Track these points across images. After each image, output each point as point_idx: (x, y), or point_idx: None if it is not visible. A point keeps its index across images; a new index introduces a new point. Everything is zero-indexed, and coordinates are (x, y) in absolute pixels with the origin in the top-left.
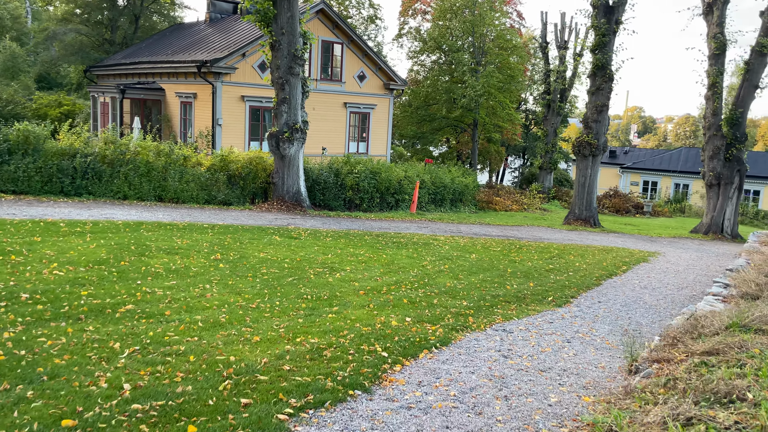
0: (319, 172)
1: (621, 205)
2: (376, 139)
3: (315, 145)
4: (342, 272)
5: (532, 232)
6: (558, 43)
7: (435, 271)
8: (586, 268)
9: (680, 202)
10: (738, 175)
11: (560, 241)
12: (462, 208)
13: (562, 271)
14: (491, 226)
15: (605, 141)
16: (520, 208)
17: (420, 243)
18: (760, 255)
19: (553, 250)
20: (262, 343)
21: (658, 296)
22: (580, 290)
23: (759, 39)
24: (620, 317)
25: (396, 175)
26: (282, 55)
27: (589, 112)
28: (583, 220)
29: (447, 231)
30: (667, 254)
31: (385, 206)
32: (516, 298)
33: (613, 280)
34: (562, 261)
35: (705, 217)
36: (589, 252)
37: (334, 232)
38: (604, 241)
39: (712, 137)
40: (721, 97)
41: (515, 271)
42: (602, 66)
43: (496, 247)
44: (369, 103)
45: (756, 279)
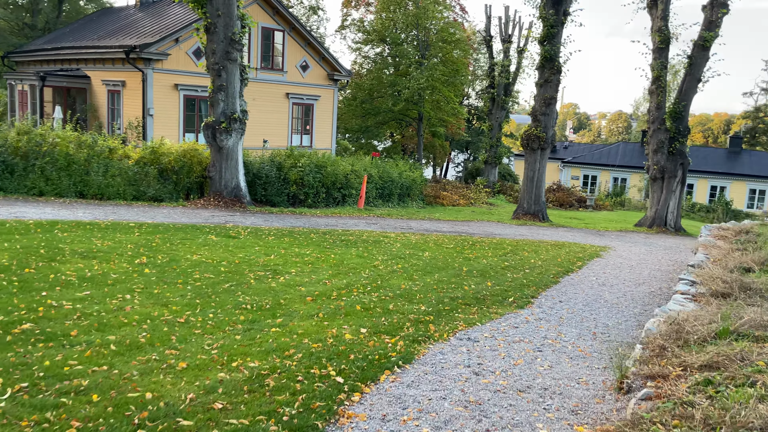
0: (261, 165)
1: (564, 199)
2: (321, 131)
3: (256, 137)
4: (286, 275)
5: (482, 228)
6: (502, 37)
7: (388, 271)
8: (541, 264)
9: (620, 196)
10: (681, 169)
11: (512, 237)
12: (410, 203)
13: (518, 269)
14: (441, 221)
15: (553, 134)
16: (467, 202)
17: (370, 241)
18: (718, 249)
19: (506, 246)
20: (189, 371)
21: (618, 294)
22: (539, 289)
23: (701, 33)
24: (585, 318)
25: (342, 169)
26: (218, 39)
27: (537, 105)
28: (532, 215)
29: (397, 227)
30: (618, 249)
31: (332, 202)
32: (476, 300)
33: (571, 277)
34: (517, 258)
35: (649, 211)
36: (542, 247)
37: (277, 230)
38: (554, 235)
39: (656, 131)
40: (665, 90)
41: (471, 270)
42: (550, 58)
43: (449, 243)
44: (312, 94)
45: (722, 276)
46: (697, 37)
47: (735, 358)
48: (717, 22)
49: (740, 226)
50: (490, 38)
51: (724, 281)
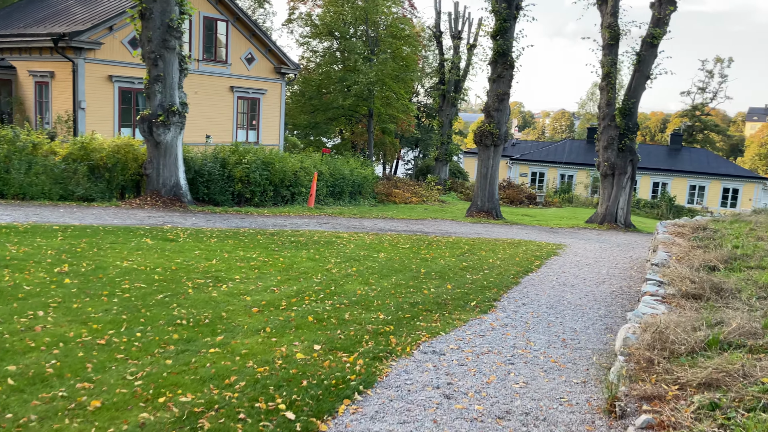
0: (203, 162)
1: (515, 196)
2: (268, 127)
3: (198, 132)
4: (230, 283)
5: (437, 226)
6: (452, 33)
7: (342, 275)
8: (500, 264)
9: (567, 193)
10: (631, 165)
11: (468, 235)
12: (362, 201)
13: (477, 269)
14: (395, 220)
15: (506, 131)
16: (420, 200)
17: (322, 242)
18: (678, 247)
19: (463, 245)
20: (103, 411)
21: (580, 294)
22: (500, 291)
23: (649, 30)
24: (551, 323)
25: (291, 165)
26: (154, 26)
27: (490, 101)
28: (486, 212)
29: (350, 227)
30: (573, 246)
31: (280, 200)
32: (437, 306)
33: (531, 277)
34: (475, 257)
35: (600, 207)
36: (499, 246)
37: (220, 231)
38: (509, 233)
39: (606, 127)
40: (614, 87)
41: (429, 272)
42: (503, 53)
43: (405, 243)
44: (259, 88)
45: (690, 275)
46: (645, 34)
47: (736, 374)
48: (665, 19)
49: (696, 222)
50: (439, 34)
51: (693, 281)
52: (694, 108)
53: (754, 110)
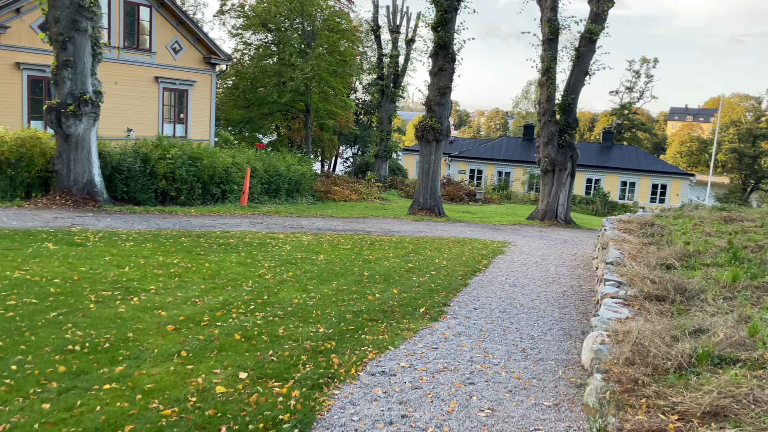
0: (121, 157)
1: (455, 193)
2: (197, 121)
3: (119, 126)
4: (143, 294)
5: (379, 224)
6: (390, 27)
7: (276, 281)
8: (447, 264)
9: (505, 189)
10: (571, 161)
11: (411, 234)
12: (299, 199)
13: (423, 271)
14: (335, 218)
15: (449, 125)
16: (359, 197)
17: (255, 243)
18: (630, 244)
19: (407, 245)
20: None
21: (531, 296)
22: (449, 294)
23: (588, 26)
24: (507, 329)
25: (222, 161)
26: (62, 5)
27: (431, 95)
28: (428, 210)
29: (286, 227)
30: (518, 243)
31: (210, 199)
32: (383, 314)
33: (479, 278)
34: (420, 257)
35: (540, 203)
36: (444, 245)
37: (138, 233)
38: (453, 231)
39: (546, 123)
40: (554, 82)
41: (373, 274)
42: (444, 45)
43: (346, 244)
44: (187, 79)
45: (649, 275)
46: (584, 30)
47: (745, 400)
48: (603, 15)
49: (642, 218)
50: (377, 29)
51: (654, 281)
52: (622, 107)
53: (675, 110)
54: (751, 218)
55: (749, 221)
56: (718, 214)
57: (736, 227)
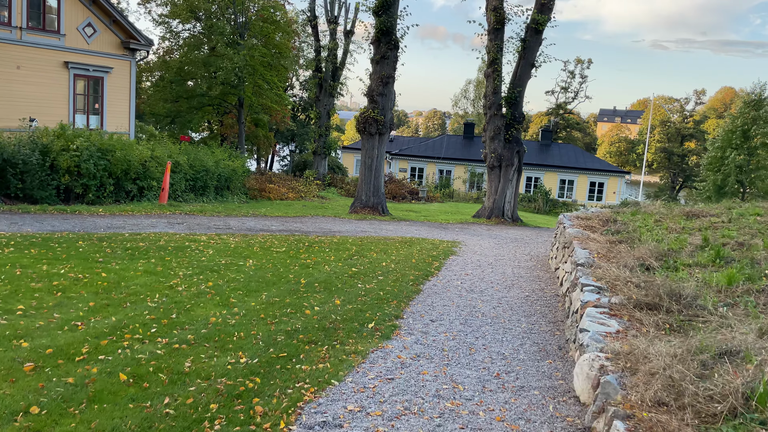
0: (16, 148)
1: (397, 191)
2: (115, 112)
3: (20, 115)
4: (5, 317)
5: (318, 224)
6: (328, 17)
7: (191, 294)
8: (395, 268)
9: (447, 188)
10: (518, 157)
11: (354, 234)
12: (230, 197)
13: (370, 276)
14: (269, 218)
15: (392, 117)
16: (297, 196)
17: (170, 247)
18: (596, 243)
19: (350, 246)
20: None
21: (492, 302)
22: (401, 303)
23: (534, 16)
24: (473, 347)
25: (139, 154)
26: None
27: (373, 84)
28: (372, 208)
29: (211, 227)
30: (468, 243)
31: (124, 196)
32: (324, 333)
33: (432, 283)
34: (366, 260)
35: (487, 201)
36: (391, 246)
37: (23, 237)
38: (399, 231)
39: (493, 117)
40: (501, 74)
41: (312, 282)
42: (387, 31)
43: (280, 246)
44: (102, 66)
45: (631, 278)
46: (530, 20)
47: None
48: (549, 5)
49: (602, 214)
50: (314, 19)
51: (640, 286)
52: (558, 106)
53: (604, 111)
54: (714, 213)
55: (713, 216)
56: (678, 209)
57: (702, 223)
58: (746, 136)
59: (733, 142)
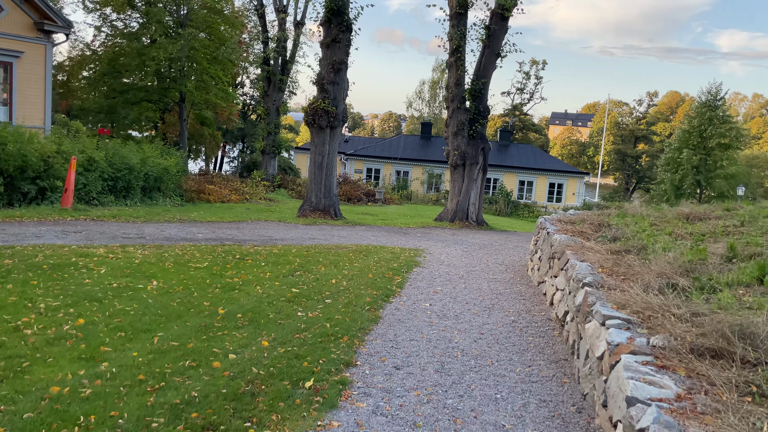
0: None
1: (353, 193)
2: (27, 103)
3: None
4: None
5: (258, 230)
6: (276, 6)
7: (43, 340)
8: (348, 286)
9: (405, 189)
10: (482, 155)
11: (300, 242)
12: (161, 199)
13: (314, 299)
14: (200, 223)
15: (345, 109)
16: (241, 198)
17: (47, 266)
18: (595, 253)
19: (292, 259)
20: None
21: (473, 332)
22: (354, 341)
23: (499, 0)
24: (459, 417)
25: (40, 149)
26: None
27: (323, 71)
28: (323, 211)
29: (118, 237)
30: (433, 251)
31: (20, 198)
32: (234, 405)
33: (395, 307)
34: (311, 277)
35: (450, 203)
36: (344, 256)
37: None
38: (354, 237)
39: (456, 111)
40: (464, 64)
41: (234, 312)
42: (338, 11)
43: (202, 260)
44: (10, 49)
45: (668, 305)
46: (495, 5)
47: None
48: None
49: (591, 217)
50: (261, 7)
51: (687, 319)
52: (514, 108)
53: (555, 115)
54: (715, 215)
55: (716, 219)
56: (674, 212)
57: (710, 227)
58: (702, 136)
59: (689, 142)
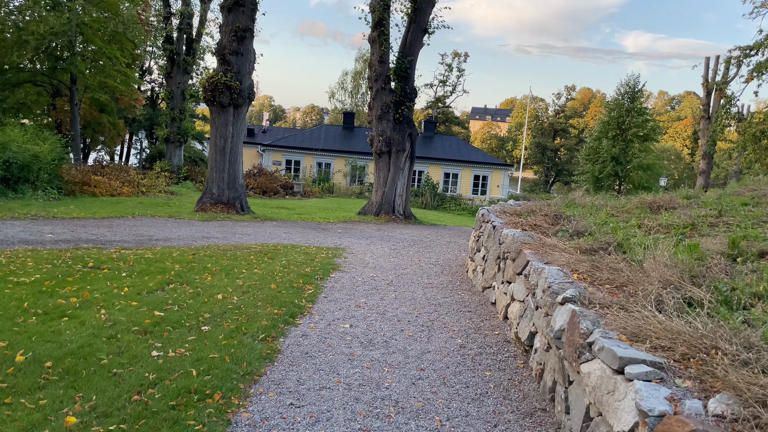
0: None
1: (268, 186)
2: None
3: None
4: None
5: (138, 229)
6: None
7: None
8: (239, 302)
9: (326, 182)
10: (410, 141)
11: (188, 242)
12: (30, 192)
13: (184, 326)
14: (61, 220)
15: (252, 85)
16: (135, 191)
17: None
18: (562, 253)
19: (170, 265)
20: None
21: (412, 371)
22: (231, 399)
23: None
24: None
25: None
26: None
27: (225, 39)
28: (226, 204)
29: None
30: (355, 250)
31: None
32: None
33: (301, 332)
34: (188, 291)
35: (374, 194)
36: (242, 260)
37: None
38: (261, 235)
39: (380, 92)
40: (388, 39)
41: (39, 358)
42: None
43: (34, 271)
44: None
45: (711, 338)
46: None
47: None
48: None
49: (543, 207)
50: None
51: (746, 361)
52: (437, 100)
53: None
54: (684, 204)
55: (682, 208)
56: (636, 200)
57: (680, 217)
58: (621, 128)
59: (609, 133)
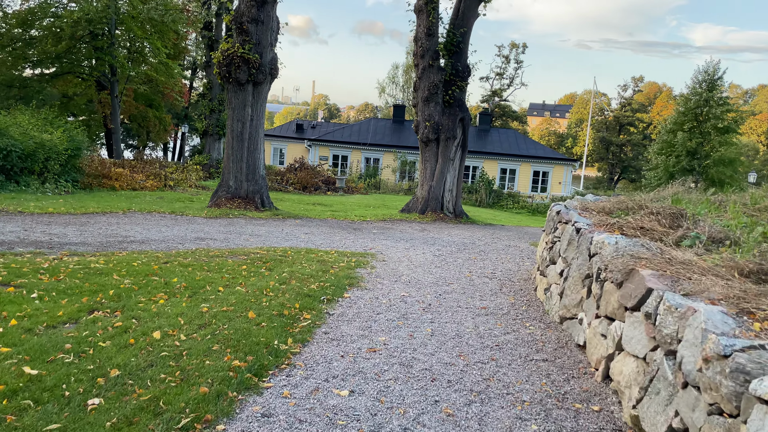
0: None
1: (309, 181)
2: None
3: None
4: None
5: (118, 227)
6: None
7: None
8: (182, 345)
9: (373, 177)
10: (461, 127)
11: (172, 245)
12: (36, 185)
13: (58, 398)
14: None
15: (275, 58)
16: (161, 185)
17: None
18: (713, 277)
19: (117, 279)
20: None
21: None
22: None
23: None
24: None
25: None
26: None
27: (243, 5)
28: (244, 199)
29: None
30: (388, 256)
31: None
32: None
33: (261, 410)
34: (114, 325)
35: (420, 189)
36: (227, 271)
37: None
38: (274, 235)
39: (427, 69)
40: (437, 8)
41: None
42: None
43: None
44: None
45: None
46: None
47: None
48: None
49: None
50: None
51: None
52: (493, 93)
53: (533, 106)
54: None
55: None
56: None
57: None
58: (698, 119)
59: (684, 124)
